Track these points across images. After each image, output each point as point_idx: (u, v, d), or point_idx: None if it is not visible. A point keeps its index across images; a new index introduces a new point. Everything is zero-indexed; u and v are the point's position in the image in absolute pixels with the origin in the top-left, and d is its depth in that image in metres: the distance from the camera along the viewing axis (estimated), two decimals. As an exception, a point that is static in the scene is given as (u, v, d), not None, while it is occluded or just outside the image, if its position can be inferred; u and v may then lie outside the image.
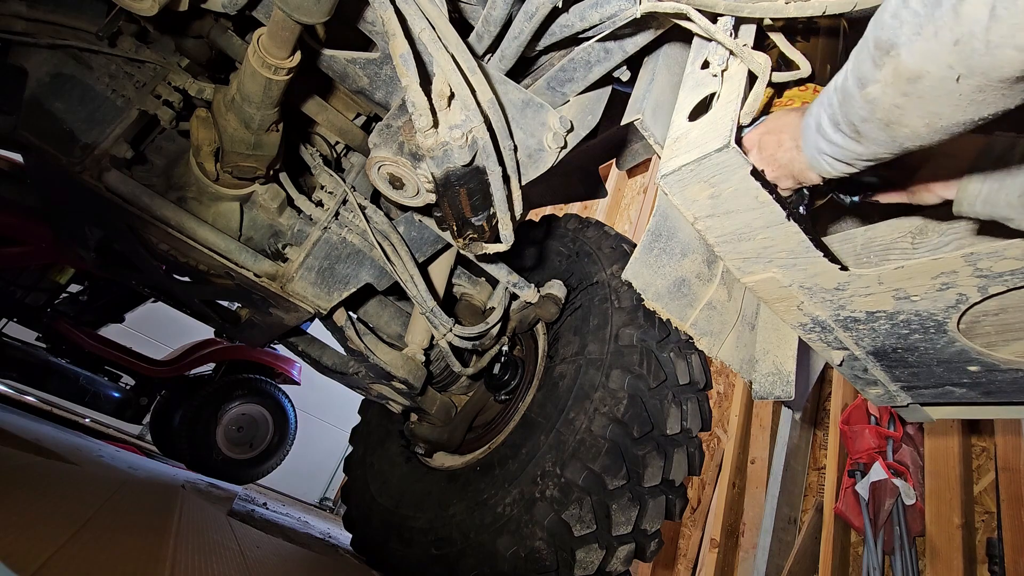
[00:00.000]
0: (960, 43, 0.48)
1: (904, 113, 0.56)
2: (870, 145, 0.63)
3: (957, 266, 0.77)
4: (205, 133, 1.49)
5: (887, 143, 0.61)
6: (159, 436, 4.41)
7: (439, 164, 0.98)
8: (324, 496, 8.38)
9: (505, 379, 1.94)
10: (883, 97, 0.57)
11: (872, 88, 0.57)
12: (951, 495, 2.31)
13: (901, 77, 0.54)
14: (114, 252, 1.86)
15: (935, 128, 0.56)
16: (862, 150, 0.64)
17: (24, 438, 2.11)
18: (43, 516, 1.20)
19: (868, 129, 0.61)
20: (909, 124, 0.57)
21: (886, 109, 0.57)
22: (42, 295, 3.50)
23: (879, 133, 0.60)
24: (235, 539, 1.70)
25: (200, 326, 2.73)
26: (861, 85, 0.58)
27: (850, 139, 0.64)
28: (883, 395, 1.07)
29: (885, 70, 0.55)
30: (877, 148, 0.63)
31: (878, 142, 0.61)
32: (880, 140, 0.61)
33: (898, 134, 0.59)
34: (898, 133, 0.59)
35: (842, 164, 0.68)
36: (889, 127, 0.59)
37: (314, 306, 1.66)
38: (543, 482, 1.51)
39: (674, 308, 1.05)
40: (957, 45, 0.48)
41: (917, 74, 0.52)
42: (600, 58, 1.14)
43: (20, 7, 1.38)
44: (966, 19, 0.46)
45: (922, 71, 0.52)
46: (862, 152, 0.64)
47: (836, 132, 0.65)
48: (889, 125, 0.59)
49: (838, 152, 0.67)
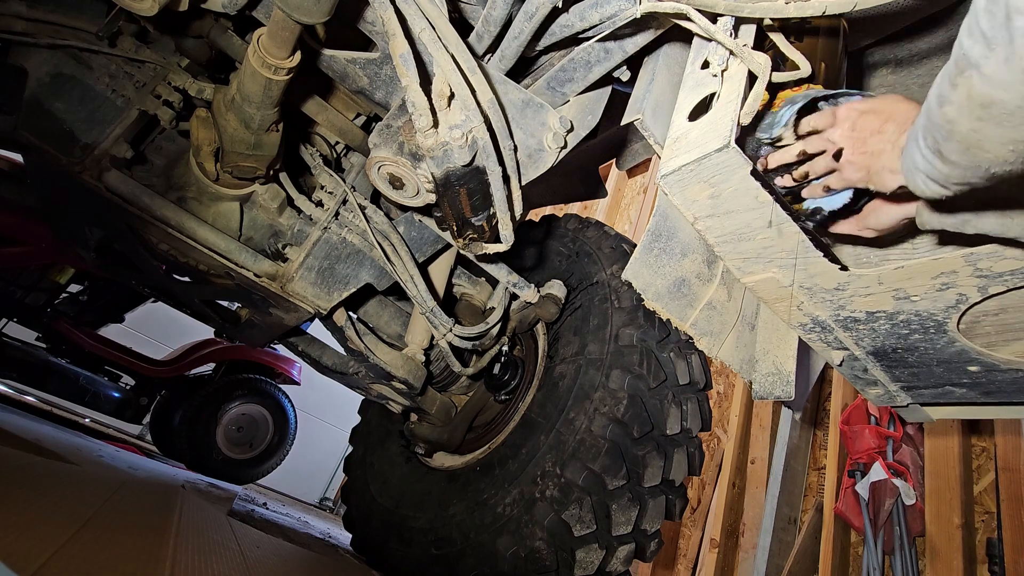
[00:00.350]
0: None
1: (983, 139, 0.53)
2: (955, 168, 0.58)
3: (957, 266, 0.77)
4: (205, 133, 1.49)
5: (972, 167, 0.57)
6: (159, 436, 4.41)
7: (439, 164, 0.98)
8: (324, 496, 8.38)
9: (505, 379, 1.94)
10: (959, 120, 0.53)
11: (948, 109, 0.54)
12: (951, 495, 2.31)
13: (974, 102, 0.50)
14: (114, 252, 1.86)
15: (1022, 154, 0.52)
16: (948, 171, 0.59)
17: (24, 438, 2.11)
18: (43, 516, 1.20)
19: (949, 151, 0.57)
20: (991, 150, 0.53)
21: (964, 133, 0.54)
22: (42, 295, 3.50)
23: (960, 157, 0.56)
24: (235, 539, 1.70)
25: (200, 326, 2.73)
26: (940, 103, 0.55)
27: (936, 157, 0.60)
28: (883, 395, 1.07)
29: (959, 92, 0.52)
30: (963, 172, 0.58)
31: (962, 165, 0.57)
32: (963, 164, 0.57)
33: (981, 159, 0.55)
34: (980, 158, 0.55)
35: (936, 185, 0.63)
36: (969, 151, 0.55)
37: (314, 306, 1.66)
38: (543, 482, 1.51)
39: (674, 308, 1.05)
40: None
41: (990, 100, 0.49)
42: (600, 58, 1.14)
43: (20, 7, 1.38)
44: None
45: (994, 98, 0.48)
46: (949, 174, 0.60)
47: (926, 147, 0.61)
48: (969, 149, 0.55)
49: (930, 170, 0.62)
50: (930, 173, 0.62)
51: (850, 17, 1.06)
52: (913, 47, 1.26)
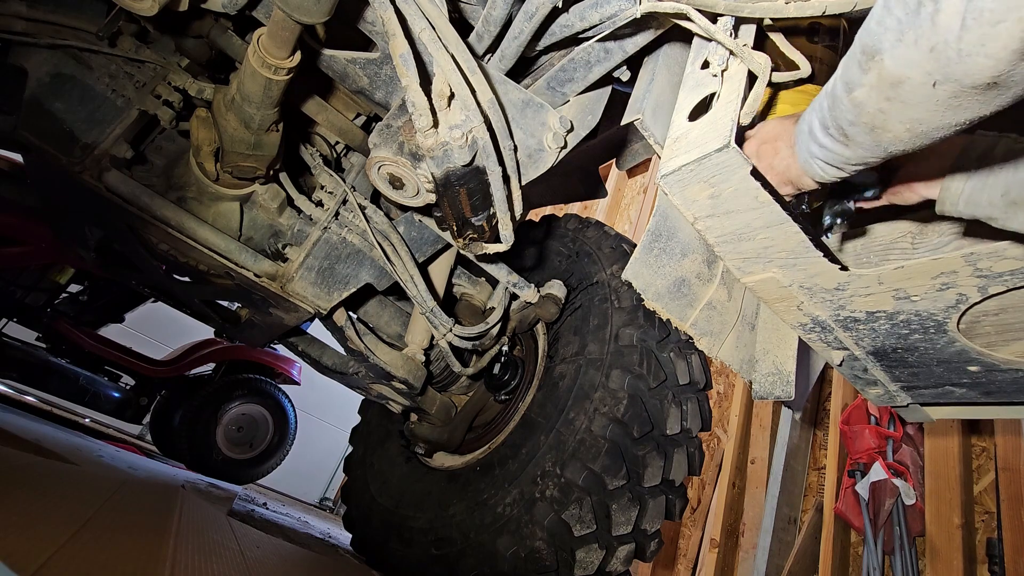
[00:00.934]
0: (935, 50, 0.50)
1: (887, 118, 0.58)
2: (857, 149, 0.65)
3: (957, 266, 0.77)
4: (205, 133, 1.49)
5: (873, 147, 0.63)
6: (159, 436, 4.41)
7: (439, 164, 0.98)
8: (324, 496, 8.38)
9: (505, 379, 1.94)
10: (868, 101, 0.58)
11: (858, 92, 0.59)
12: (951, 495, 2.31)
13: (884, 82, 0.56)
14: (114, 252, 1.86)
15: (916, 133, 0.58)
16: (850, 154, 0.66)
17: (24, 438, 2.11)
18: (43, 516, 1.20)
19: (855, 133, 0.63)
20: (892, 129, 0.59)
21: (871, 113, 0.59)
22: (42, 295, 3.50)
23: (865, 137, 0.62)
24: (235, 539, 1.70)
25: (200, 326, 2.73)
26: (848, 89, 0.60)
27: (839, 143, 0.66)
28: (883, 395, 1.07)
29: (870, 75, 0.57)
30: (864, 152, 0.64)
31: (864, 146, 0.63)
32: (866, 144, 0.63)
33: (882, 138, 0.61)
34: (882, 138, 0.61)
35: (833, 168, 0.70)
36: (874, 131, 0.61)
37: (314, 306, 1.66)
38: (543, 482, 1.51)
39: (674, 308, 1.05)
40: (933, 52, 0.50)
41: (899, 79, 0.54)
42: (600, 58, 1.14)
43: (20, 7, 1.38)
44: (941, 28, 0.48)
45: (903, 76, 0.54)
46: (850, 156, 0.66)
47: (826, 136, 0.67)
48: (874, 129, 0.60)
49: (828, 156, 0.69)
50: (828, 159, 0.69)
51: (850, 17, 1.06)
52: (913, 47, 1.26)
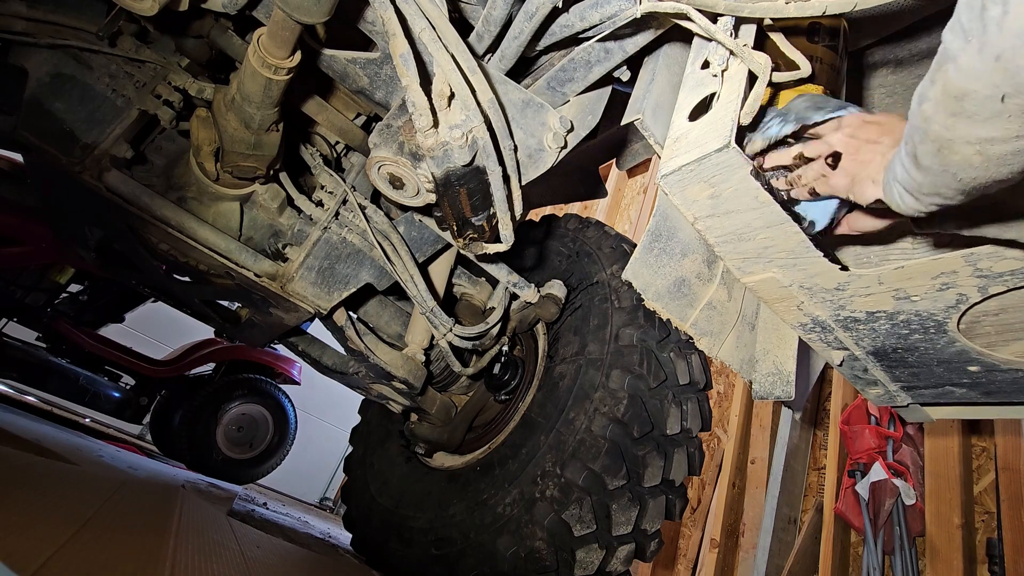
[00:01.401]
0: (1002, 59, 0.44)
1: (954, 137, 0.52)
2: (927, 175, 0.58)
3: (957, 266, 0.77)
4: (205, 133, 1.49)
5: (941, 173, 0.56)
6: (159, 436, 4.41)
7: (439, 164, 0.98)
8: (324, 496, 8.38)
9: (505, 379, 1.94)
10: (935, 116, 0.53)
11: (926, 106, 0.54)
12: (951, 495, 2.31)
13: (949, 95, 0.50)
14: (114, 252, 1.86)
15: (988, 157, 0.51)
16: (922, 180, 0.59)
17: (24, 438, 2.11)
18: (43, 516, 1.20)
19: (923, 153, 0.56)
20: (959, 151, 0.53)
21: (937, 130, 0.53)
22: (42, 295, 3.49)
23: (932, 159, 0.56)
24: (235, 539, 1.70)
25: (200, 326, 2.73)
26: (920, 102, 0.55)
27: (912, 164, 0.59)
28: (883, 395, 1.07)
29: (936, 86, 0.52)
30: (934, 179, 0.57)
31: (933, 171, 0.57)
32: (934, 168, 0.56)
33: (949, 162, 0.54)
34: (949, 161, 0.54)
35: (911, 197, 0.62)
36: (940, 152, 0.54)
37: (314, 306, 1.66)
38: (543, 482, 1.51)
39: (674, 308, 1.05)
40: (999, 61, 0.44)
41: (963, 91, 0.49)
42: (600, 58, 1.13)
43: (20, 7, 1.38)
44: (1009, 32, 0.42)
45: (967, 89, 0.48)
46: (922, 183, 0.59)
47: (906, 155, 0.60)
48: (940, 150, 0.54)
49: (906, 180, 0.61)
50: (906, 184, 0.61)
51: (850, 17, 1.06)
52: (913, 47, 1.26)
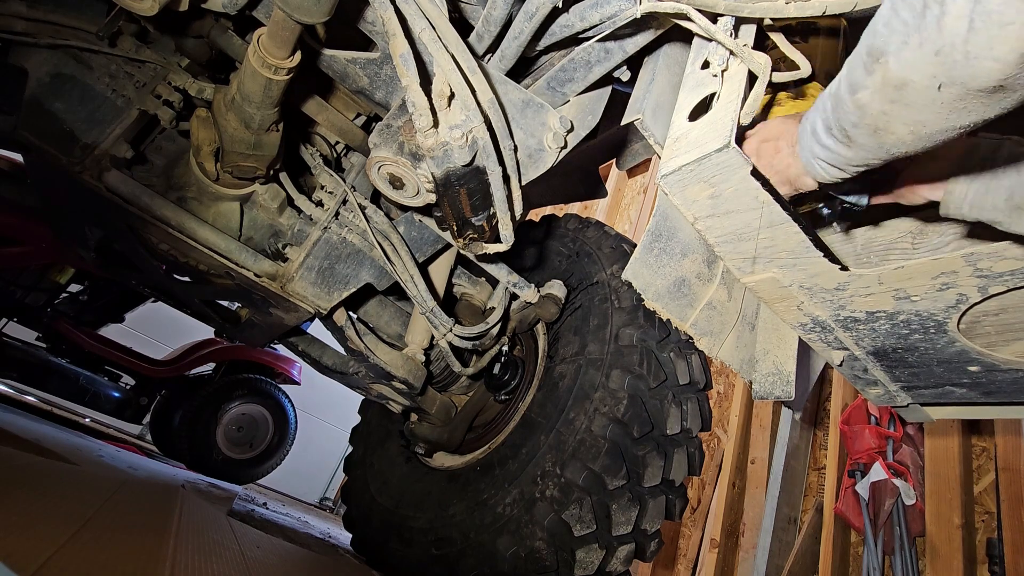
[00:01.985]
0: (941, 53, 0.50)
1: (891, 120, 0.58)
2: (859, 151, 0.64)
3: (957, 266, 0.77)
4: (205, 133, 1.49)
5: (875, 149, 0.63)
6: (159, 436, 4.41)
7: (439, 164, 0.98)
8: (324, 496, 8.38)
9: (505, 379, 1.94)
10: (872, 103, 0.58)
11: (862, 94, 0.59)
12: (951, 495, 2.31)
13: (889, 84, 0.56)
14: (114, 252, 1.86)
15: (919, 135, 0.58)
16: (852, 155, 0.66)
17: (24, 438, 2.11)
18: (43, 516, 1.20)
19: (858, 134, 0.63)
20: (895, 131, 0.59)
21: (874, 115, 0.59)
22: (42, 295, 3.49)
23: (868, 139, 0.62)
24: (235, 539, 1.70)
25: (200, 326, 2.73)
26: (852, 91, 0.60)
27: (841, 144, 0.66)
28: (883, 395, 1.07)
29: (874, 77, 0.57)
30: (866, 154, 0.64)
31: (867, 148, 0.63)
32: (869, 146, 0.63)
33: (885, 140, 0.61)
34: (885, 140, 0.61)
35: (835, 169, 0.70)
36: (877, 133, 0.60)
37: (314, 306, 1.66)
38: (543, 482, 1.51)
39: (674, 308, 1.05)
40: (938, 55, 0.50)
41: (903, 82, 0.54)
42: (600, 58, 1.14)
43: (20, 7, 1.38)
44: (947, 31, 0.48)
45: (907, 79, 0.54)
46: (852, 157, 0.66)
47: (829, 137, 0.67)
48: (877, 131, 0.60)
49: (831, 157, 0.68)
50: (830, 159, 0.69)
51: (850, 17, 1.06)
52: (913, 47, 1.26)
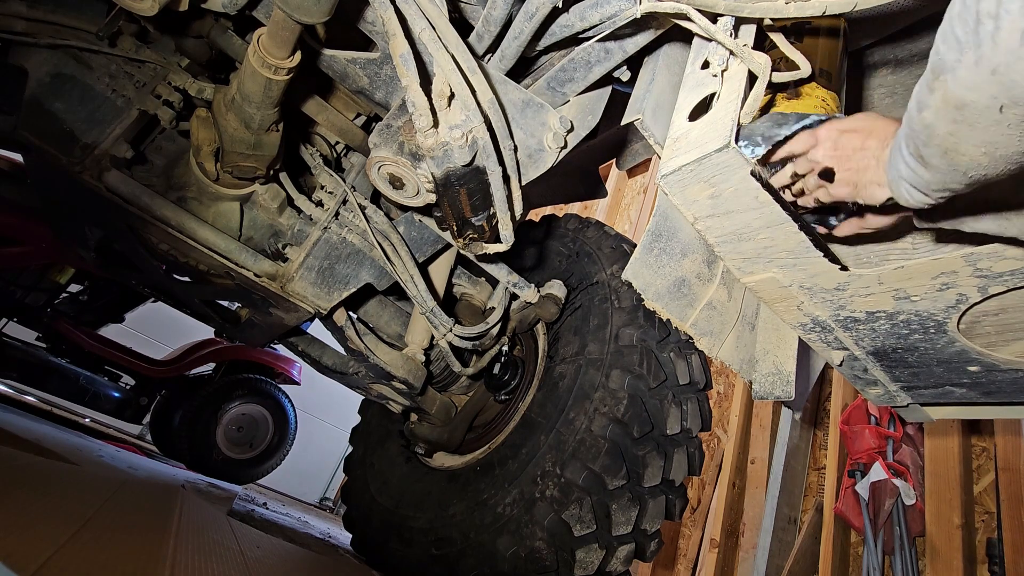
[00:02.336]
0: (998, 72, 0.46)
1: (959, 141, 0.54)
2: (936, 173, 0.60)
3: (957, 266, 0.77)
4: (205, 133, 1.49)
5: (951, 172, 0.58)
6: (159, 436, 4.41)
7: (439, 164, 0.98)
8: (324, 496, 8.38)
9: (505, 379, 1.94)
10: (936, 123, 0.55)
11: (926, 113, 0.56)
12: (951, 495, 2.31)
13: (949, 104, 0.52)
14: (114, 252, 1.86)
15: (995, 158, 0.54)
16: (930, 178, 0.61)
17: (24, 438, 2.11)
18: (43, 516, 1.20)
19: (929, 155, 0.59)
20: (967, 153, 0.55)
21: (941, 136, 0.55)
22: (42, 295, 3.49)
23: (940, 161, 0.58)
24: (235, 539, 1.70)
25: (200, 326, 2.73)
26: (919, 109, 0.57)
27: (919, 164, 0.61)
28: (883, 395, 1.07)
29: (936, 96, 0.54)
30: (944, 177, 0.60)
31: (942, 170, 0.59)
32: (943, 168, 0.59)
33: (959, 162, 0.57)
34: (958, 161, 0.56)
35: (919, 193, 0.64)
36: (948, 154, 0.57)
37: (314, 306, 1.66)
38: (543, 482, 1.51)
39: (674, 308, 1.05)
40: (995, 74, 0.46)
41: (962, 102, 0.51)
42: (600, 58, 1.13)
43: (20, 7, 1.38)
44: (1003, 48, 0.45)
45: (967, 100, 0.50)
46: (931, 180, 0.61)
47: (909, 155, 0.62)
48: (947, 152, 0.56)
49: (913, 178, 0.63)
50: (913, 181, 0.63)
51: (850, 17, 1.06)
52: (913, 47, 1.26)
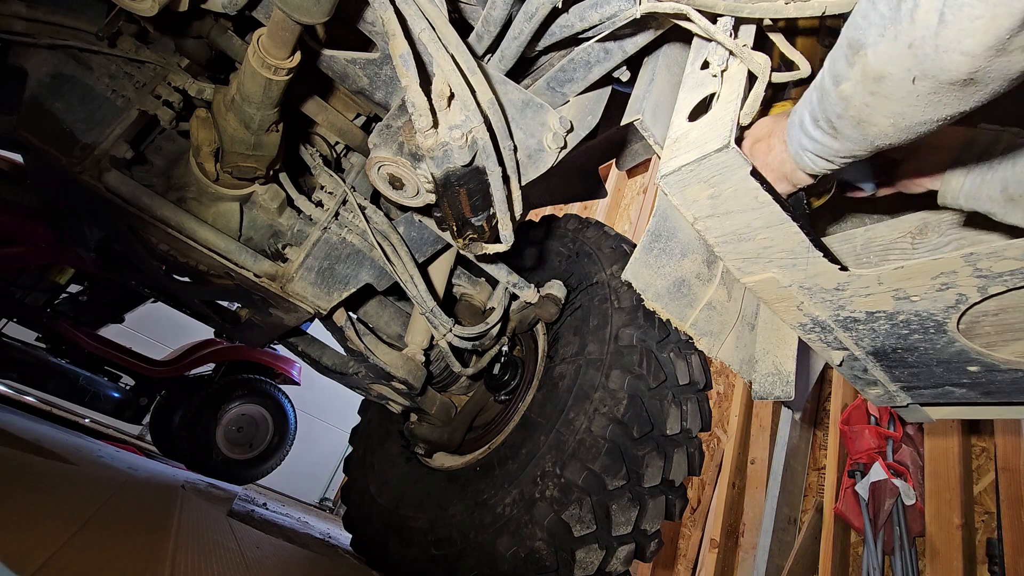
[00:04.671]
0: (913, 46, 0.50)
1: (873, 112, 0.59)
2: (845, 142, 0.65)
3: (957, 266, 0.77)
4: (205, 133, 1.49)
5: (860, 140, 0.64)
6: (159, 436, 4.41)
7: (439, 164, 0.98)
8: (324, 496, 8.38)
9: (505, 379, 1.94)
10: (854, 95, 0.59)
11: (845, 86, 0.60)
12: (951, 495, 2.31)
13: (868, 76, 0.56)
14: (114, 252, 1.86)
15: (900, 127, 0.59)
16: (839, 146, 0.66)
17: (24, 438, 2.11)
18: (43, 516, 1.20)
19: (842, 126, 0.63)
20: (877, 123, 0.60)
21: (857, 107, 0.60)
22: (42, 295, 3.50)
23: (852, 130, 0.63)
24: (235, 539, 1.70)
25: (200, 326, 2.74)
26: (836, 83, 0.61)
27: (828, 135, 0.66)
28: (883, 395, 1.07)
29: (855, 69, 0.57)
30: (852, 145, 0.65)
31: (852, 139, 0.64)
32: (854, 137, 0.64)
33: (868, 132, 0.61)
34: (868, 131, 0.61)
35: (823, 161, 0.71)
36: (860, 124, 0.61)
37: (314, 306, 1.66)
38: (543, 482, 1.51)
39: (674, 308, 1.05)
40: (911, 48, 0.50)
41: (881, 74, 0.55)
42: (600, 58, 1.14)
43: (20, 7, 1.38)
44: (919, 24, 0.49)
45: (885, 72, 0.54)
46: (839, 149, 0.67)
47: (816, 129, 0.67)
48: (860, 123, 0.61)
49: (818, 148, 0.69)
50: (818, 151, 0.70)
51: (850, 17, 1.06)
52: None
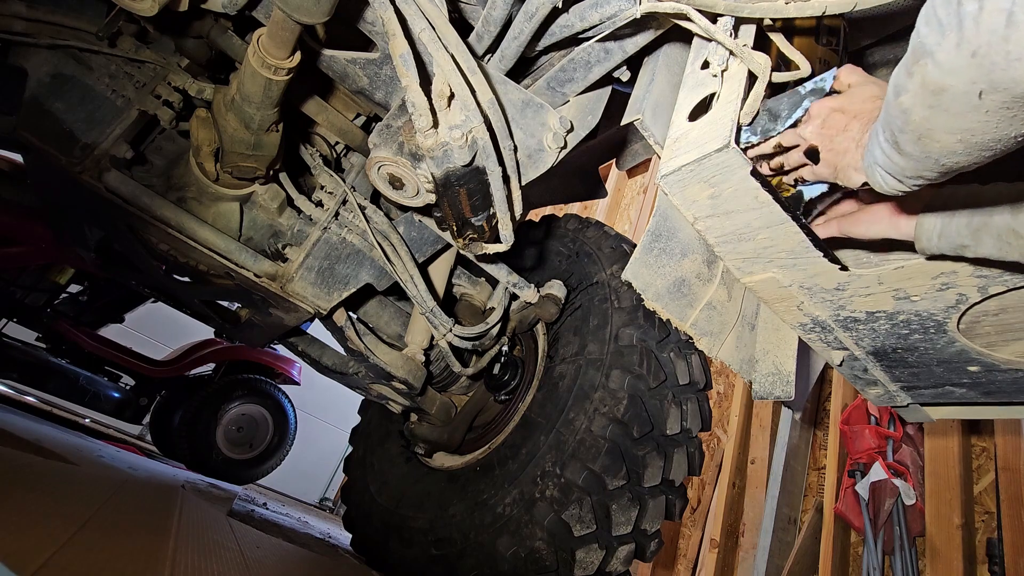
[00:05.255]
0: (978, 55, 0.44)
1: (933, 127, 0.53)
2: (909, 160, 0.58)
3: (957, 266, 0.77)
4: (205, 133, 1.49)
5: (924, 159, 0.57)
6: (159, 436, 4.41)
7: (439, 164, 0.98)
8: (324, 496, 8.38)
9: (505, 379, 1.94)
10: (913, 108, 0.53)
11: (904, 98, 0.54)
12: (951, 495, 2.31)
13: (927, 89, 0.50)
14: (114, 252, 1.86)
15: (970, 145, 0.52)
16: (904, 164, 0.60)
17: (24, 438, 2.11)
18: (43, 516, 1.20)
19: (904, 141, 0.57)
20: (941, 140, 0.53)
21: (917, 121, 0.54)
22: (42, 295, 3.49)
23: (914, 147, 0.56)
24: (235, 539, 1.70)
25: (200, 326, 2.73)
26: (896, 93, 0.55)
27: (893, 150, 0.60)
28: (883, 395, 1.07)
29: (914, 80, 0.52)
30: (917, 164, 0.58)
31: (915, 157, 0.57)
32: (916, 155, 0.57)
33: (931, 149, 0.55)
34: (931, 148, 0.55)
35: (893, 179, 0.63)
36: (921, 140, 0.55)
37: (314, 306, 1.66)
38: (543, 482, 1.51)
39: (674, 308, 1.05)
40: (975, 57, 0.44)
41: (940, 87, 0.49)
42: (600, 58, 1.13)
43: (20, 7, 1.38)
44: (984, 28, 0.42)
45: (944, 84, 0.48)
46: (905, 167, 0.60)
47: (885, 140, 0.61)
48: (921, 139, 0.55)
49: (887, 164, 0.62)
50: (886, 167, 0.62)
51: (850, 17, 1.06)
52: (913, 47, 1.26)
